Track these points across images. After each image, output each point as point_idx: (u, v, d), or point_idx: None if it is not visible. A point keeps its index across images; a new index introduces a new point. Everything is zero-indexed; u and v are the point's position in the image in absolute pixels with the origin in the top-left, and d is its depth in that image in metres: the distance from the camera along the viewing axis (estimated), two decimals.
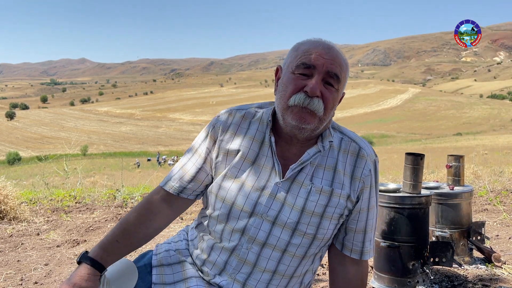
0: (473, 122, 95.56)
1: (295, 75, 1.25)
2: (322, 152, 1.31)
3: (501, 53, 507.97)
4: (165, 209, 1.39)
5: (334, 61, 1.25)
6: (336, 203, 1.29)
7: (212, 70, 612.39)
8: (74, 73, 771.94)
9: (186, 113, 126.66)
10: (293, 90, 1.24)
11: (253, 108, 1.39)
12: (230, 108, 1.41)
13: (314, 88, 1.21)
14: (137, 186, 7.36)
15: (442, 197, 2.91)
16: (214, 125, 1.37)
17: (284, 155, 1.32)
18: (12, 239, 3.93)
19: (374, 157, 1.37)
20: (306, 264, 1.36)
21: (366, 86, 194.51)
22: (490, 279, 2.68)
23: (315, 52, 1.25)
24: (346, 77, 1.30)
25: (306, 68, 1.24)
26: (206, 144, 1.37)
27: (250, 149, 1.32)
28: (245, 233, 1.29)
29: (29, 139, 76.91)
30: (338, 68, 1.25)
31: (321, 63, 1.23)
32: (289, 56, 1.30)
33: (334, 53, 1.26)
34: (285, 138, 1.32)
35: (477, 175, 7.05)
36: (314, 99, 1.22)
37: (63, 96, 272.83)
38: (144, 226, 1.36)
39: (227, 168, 1.32)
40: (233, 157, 1.33)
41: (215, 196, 1.34)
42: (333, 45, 1.29)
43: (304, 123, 1.23)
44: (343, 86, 1.30)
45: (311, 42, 1.29)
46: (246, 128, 1.35)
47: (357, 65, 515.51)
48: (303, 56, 1.25)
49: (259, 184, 1.29)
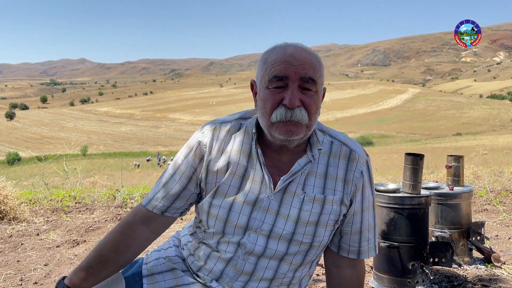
0: (472, 122, 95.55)
1: (270, 90, 1.21)
2: (313, 160, 1.29)
3: (500, 53, 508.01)
4: (143, 231, 1.35)
5: (305, 64, 1.20)
6: (329, 210, 1.28)
7: (212, 70, 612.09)
8: (73, 73, 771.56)
9: (186, 113, 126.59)
10: (272, 106, 1.21)
11: (237, 120, 1.34)
12: (213, 122, 1.36)
13: (292, 99, 1.18)
14: (137, 186, 7.36)
15: (442, 198, 2.91)
16: (199, 143, 1.32)
17: (275, 164, 1.30)
18: (11, 240, 3.93)
19: (366, 157, 1.34)
20: (304, 270, 1.36)
21: (365, 86, 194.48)
22: (489, 279, 2.68)
23: (283, 62, 1.20)
24: (322, 75, 1.25)
25: (279, 80, 1.20)
26: (190, 162, 1.32)
27: (239, 164, 1.29)
28: (241, 246, 1.28)
29: (29, 139, 76.87)
30: (311, 70, 1.21)
31: (293, 71, 1.19)
32: (259, 70, 1.26)
33: (302, 55, 1.21)
34: (274, 149, 1.29)
35: (477, 175, 7.05)
36: (296, 109, 1.19)
37: (63, 96, 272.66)
38: (121, 254, 1.32)
39: (217, 186, 1.30)
40: (222, 174, 1.30)
41: (207, 214, 1.31)
42: (301, 46, 1.24)
43: (292, 136, 1.21)
44: (321, 84, 1.25)
45: (277, 50, 1.24)
46: (233, 142, 1.31)
47: (356, 65, 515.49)
48: (273, 69, 1.20)
49: (250, 198, 1.27)
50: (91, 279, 1.31)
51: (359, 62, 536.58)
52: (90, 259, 1.32)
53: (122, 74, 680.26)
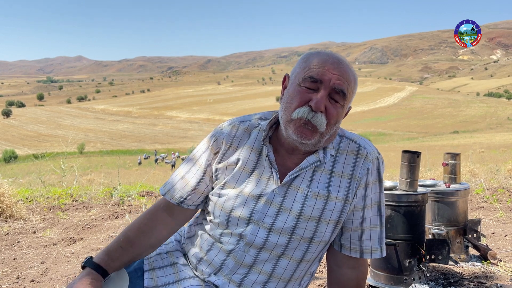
0: (469, 120, 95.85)
1: (301, 87, 1.24)
2: (322, 161, 1.30)
3: (498, 51, 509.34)
4: (166, 218, 1.40)
5: (342, 76, 1.23)
6: (333, 206, 1.29)
7: (209, 68, 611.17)
8: (70, 70, 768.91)
9: (183, 111, 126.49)
10: (298, 104, 1.23)
11: (256, 120, 1.38)
12: (233, 120, 1.40)
13: (319, 103, 1.20)
14: (134, 184, 7.35)
15: (439, 195, 2.92)
16: (216, 138, 1.36)
17: (285, 163, 1.32)
18: (8, 237, 3.92)
19: (377, 155, 1.34)
20: (304, 268, 1.36)
21: (363, 85, 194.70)
22: (485, 276, 2.69)
23: (323, 66, 1.23)
24: (353, 93, 1.28)
25: (313, 82, 1.22)
26: (206, 156, 1.37)
27: (249, 159, 1.32)
28: (243, 238, 1.29)
29: (26, 137, 76.64)
30: (346, 84, 1.24)
31: (328, 78, 1.22)
32: (297, 67, 1.29)
33: (342, 68, 1.24)
34: (286, 148, 1.31)
35: (474, 173, 7.07)
36: (318, 114, 1.21)
37: (60, 94, 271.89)
38: (146, 235, 1.37)
39: (226, 178, 1.33)
40: (232, 168, 1.33)
41: (214, 204, 1.35)
42: (343, 59, 1.27)
43: (304, 139, 1.23)
44: (349, 101, 1.28)
45: (321, 54, 1.27)
46: (247, 139, 1.35)
47: (354, 63, 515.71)
48: (311, 69, 1.23)
49: (256, 192, 1.29)
50: (119, 259, 1.34)
51: (356, 60, 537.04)
52: (118, 240, 1.36)
53: (119, 72, 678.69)
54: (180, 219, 1.42)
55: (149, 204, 5.22)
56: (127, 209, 5.01)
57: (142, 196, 5.68)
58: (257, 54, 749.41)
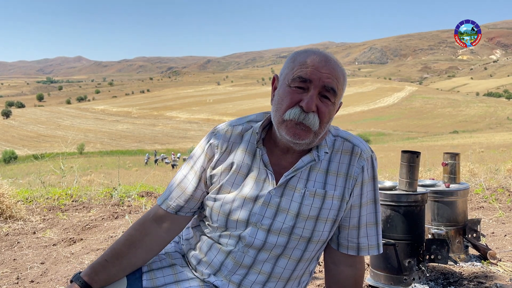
0: (469, 120, 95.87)
1: (291, 88, 1.24)
2: (317, 160, 1.30)
3: (497, 51, 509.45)
4: (156, 229, 1.37)
5: (331, 74, 1.23)
6: (330, 205, 1.30)
7: (209, 68, 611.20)
8: (70, 71, 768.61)
9: (183, 111, 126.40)
10: (288, 105, 1.23)
11: (248, 123, 1.38)
12: (228, 123, 1.40)
13: (310, 103, 1.21)
14: (134, 185, 7.35)
15: (438, 195, 2.92)
16: (210, 143, 1.36)
17: (280, 163, 1.32)
18: (8, 238, 3.92)
19: (370, 153, 1.35)
20: (303, 267, 1.36)
21: (363, 84, 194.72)
22: (485, 276, 2.69)
23: (311, 65, 1.23)
24: (343, 89, 1.29)
25: (302, 81, 1.23)
26: (201, 162, 1.36)
27: (243, 162, 1.32)
28: (241, 239, 1.30)
29: (25, 138, 76.60)
30: (335, 82, 1.24)
31: (318, 77, 1.22)
32: (285, 67, 1.29)
33: (331, 65, 1.24)
34: (281, 148, 1.32)
35: (473, 172, 7.08)
36: (310, 114, 1.21)
37: (59, 95, 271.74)
38: (133, 246, 1.35)
39: (221, 182, 1.33)
40: (227, 172, 1.33)
41: (210, 209, 1.35)
42: (331, 56, 1.28)
43: (298, 139, 1.23)
44: (340, 97, 1.29)
45: (308, 53, 1.27)
46: (240, 142, 1.35)
47: (354, 64, 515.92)
48: (300, 69, 1.23)
49: (253, 194, 1.30)
50: (105, 273, 1.32)
51: (356, 60, 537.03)
52: (106, 253, 1.35)
53: (118, 72, 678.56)
54: (172, 228, 1.39)
55: (149, 204, 5.22)
56: (127, 209, 5.01)
57: (142, 197, 5.68)
58: (256, 54, 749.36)
